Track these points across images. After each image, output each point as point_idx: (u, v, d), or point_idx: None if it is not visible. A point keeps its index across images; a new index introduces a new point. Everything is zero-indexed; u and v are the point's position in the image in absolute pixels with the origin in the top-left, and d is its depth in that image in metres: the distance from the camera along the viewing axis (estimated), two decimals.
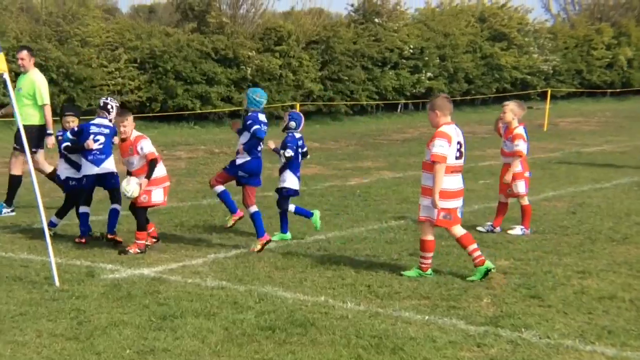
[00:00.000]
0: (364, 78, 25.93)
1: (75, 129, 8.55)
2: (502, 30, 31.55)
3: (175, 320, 5.74)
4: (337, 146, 19.01)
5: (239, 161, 8.19)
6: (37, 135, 9.88)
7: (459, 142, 6.97)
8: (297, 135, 8.58)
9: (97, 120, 8.53)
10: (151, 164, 7.80)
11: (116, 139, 8.39)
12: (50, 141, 9.90)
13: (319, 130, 22.52)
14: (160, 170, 7.96)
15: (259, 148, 8.23)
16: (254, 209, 8.14)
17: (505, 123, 9.08)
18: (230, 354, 5.17)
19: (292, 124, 8.56)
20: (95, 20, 21.32)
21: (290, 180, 8.50)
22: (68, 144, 8.51)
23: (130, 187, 7.70)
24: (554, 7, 40.84)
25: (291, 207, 8.61)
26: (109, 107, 8.58)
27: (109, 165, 8.41)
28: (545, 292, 6.69)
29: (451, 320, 5.93)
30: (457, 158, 6.97)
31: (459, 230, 7.09)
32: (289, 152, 8.36)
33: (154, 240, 8.18)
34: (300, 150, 8.59)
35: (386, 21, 27.52)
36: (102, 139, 8.37)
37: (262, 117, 8.20)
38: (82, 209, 8.42)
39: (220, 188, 8.33)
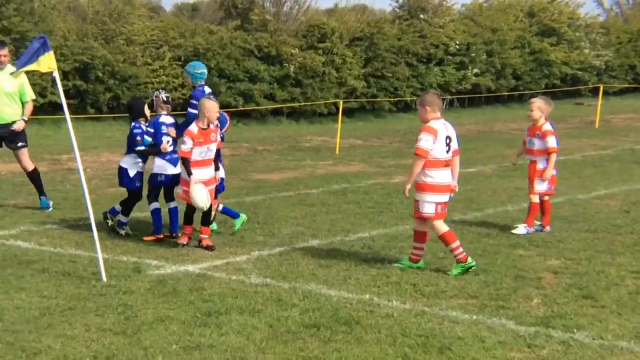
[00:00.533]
0: (408, 75, 25.72)
1: (151, 130, 8.25)
2: (552, 25, 30.99)
3: (220, 317, 5.73)
4: (380, 143, 18.88)
5: None
6: (25, 130, 9.94)
7: (448, 137, 7.09)
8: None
9: (164, 118, 8.25)
10: (218, 152, 8.09)
11: (172, 131, 8.23)
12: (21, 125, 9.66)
13: (362, 128, 22.41)
14: None
15: None
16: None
17: (533, 120, 8.92)
18: (275, 351, 5.13)
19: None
20: (140, 19, 21.58)
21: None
22: (143, 147, 8.24)
23: (209, 198, 7.73)
24: (606, 2, 40.01)
25: (219, 206, 8.57)
26: (170, 100, 8.44)
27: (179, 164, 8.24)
28: (598, 292, 6.50)
29: (500, 320, 5.79)
30: (447, 152, 7.10)
31: (442, 226, 7.20)
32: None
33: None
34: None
35: (432, 17, 27.26)
36: (171, 139, 8.20)
37: (207, 89, 8.36)
38: (154, 205, 8.28)
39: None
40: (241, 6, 24.54)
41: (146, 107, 8.50)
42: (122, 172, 8.44)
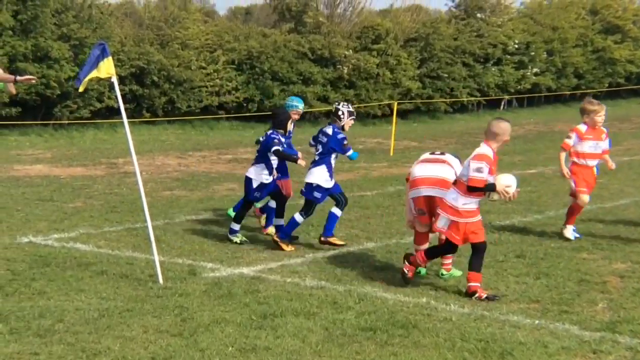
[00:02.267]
0: (464, 75, 25.39)
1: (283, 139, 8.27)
2: (616, 22, 30.26)
3: (276, 319, 5.69)
4: (436, 145, 18.63)
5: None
6: None
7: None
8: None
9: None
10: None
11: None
12: None
13: (417, 129, 22.18)
14: None
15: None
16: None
17: (597, 124, 8.58)
18: (332, 354, 5.05)
19: None
20: (195, 23, 21.84)
21: None
22: (280, 148, 8.15)
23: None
24: None
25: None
26: (339, 113, 8.03)
27: (316, 177, 8.11)
28: None
29: (564, 325, 5.60)
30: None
31: None
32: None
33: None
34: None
35: (489, 16, 26.90)
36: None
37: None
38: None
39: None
40: (295, 9, 24.58)
41: (290, 122, 8.52)
42: (247, 181, 8.31)
